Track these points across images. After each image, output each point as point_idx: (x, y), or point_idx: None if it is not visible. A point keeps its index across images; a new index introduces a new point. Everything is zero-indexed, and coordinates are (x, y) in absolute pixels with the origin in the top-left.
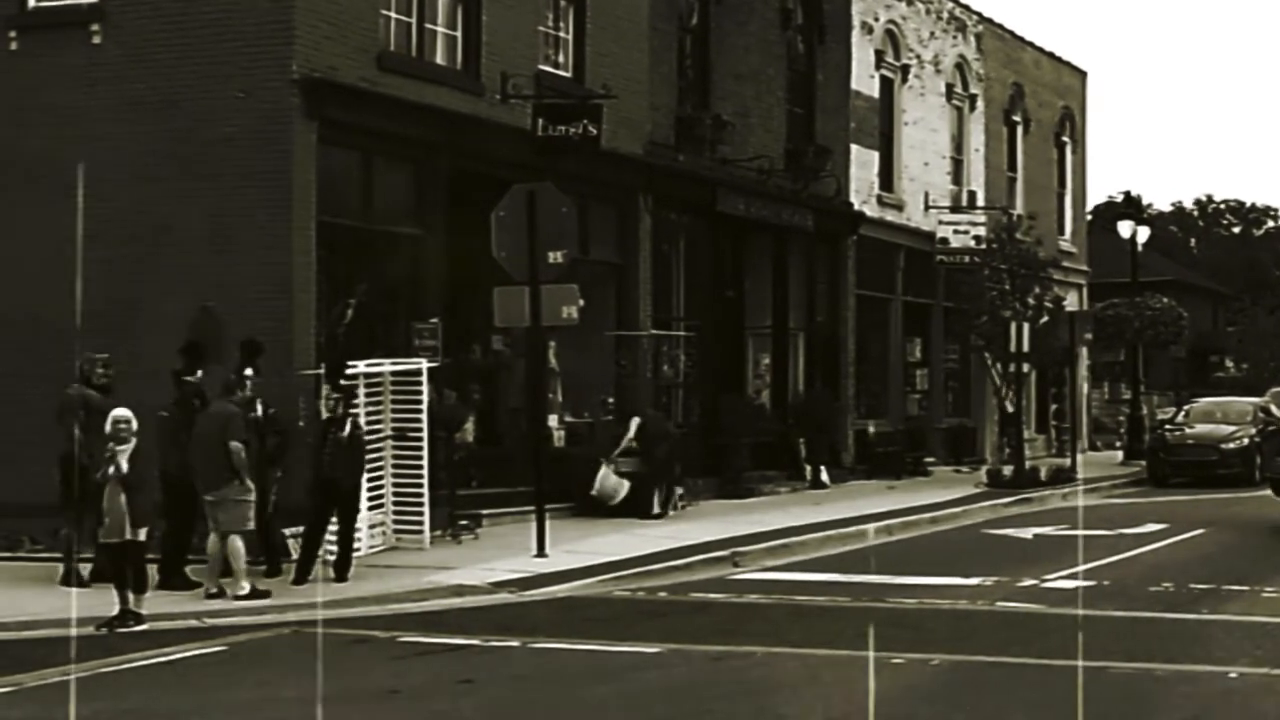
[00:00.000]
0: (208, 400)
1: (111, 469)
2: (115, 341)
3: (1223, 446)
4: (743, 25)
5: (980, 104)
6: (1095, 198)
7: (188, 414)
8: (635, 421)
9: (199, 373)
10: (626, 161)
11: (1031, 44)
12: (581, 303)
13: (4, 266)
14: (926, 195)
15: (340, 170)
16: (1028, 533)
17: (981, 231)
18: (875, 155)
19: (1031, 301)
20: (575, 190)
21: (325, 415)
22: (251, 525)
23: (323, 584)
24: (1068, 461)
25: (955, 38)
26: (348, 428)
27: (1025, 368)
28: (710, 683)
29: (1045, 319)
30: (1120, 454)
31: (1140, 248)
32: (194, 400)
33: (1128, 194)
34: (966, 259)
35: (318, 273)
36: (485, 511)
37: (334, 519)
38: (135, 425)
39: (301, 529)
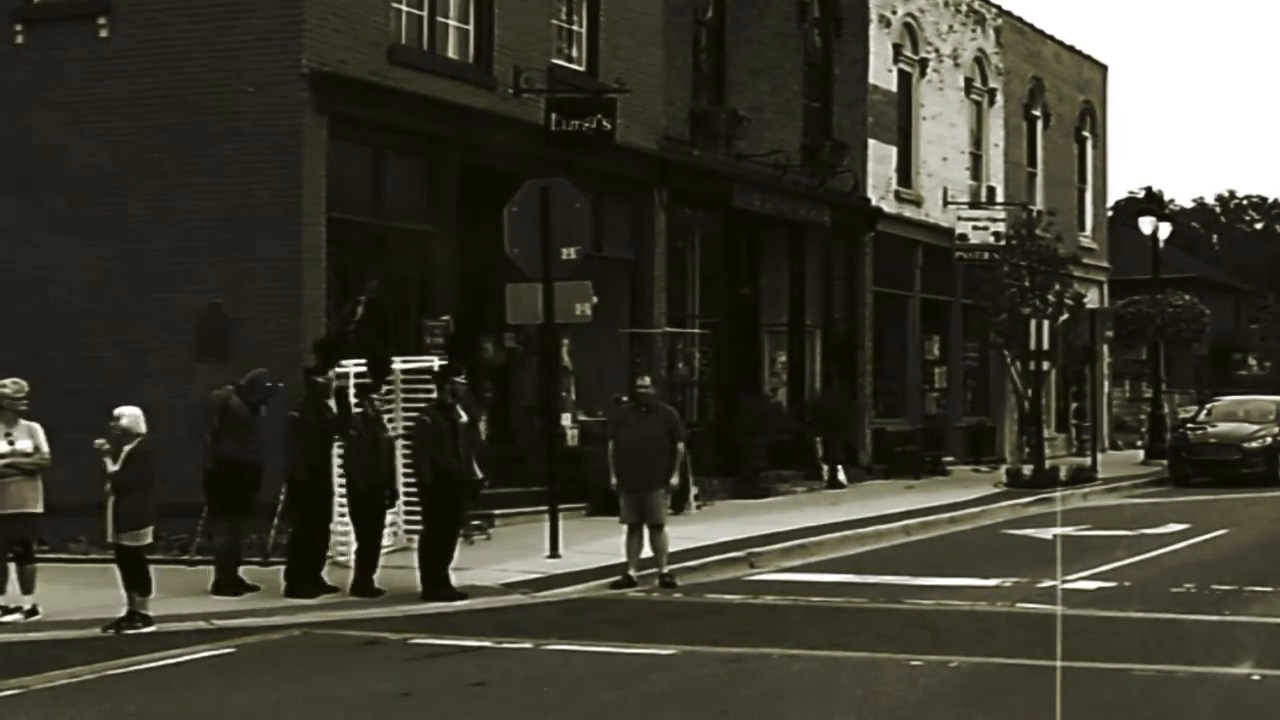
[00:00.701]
0: (326, 401)
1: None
2: (123, 337)
3: (1245, 445)
4: (759, 19)
5: (1000, 98)
6: (1116, 193)
7: (318, 415)
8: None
9: (331, 372)
10: (641, 157)
11: (1052, 37)
12: (595, 300)
13: (11, 262)
14: (945, 191)
15: (350, 165)
16: (1048, 533)
17: (1001, 228)
18: (893, 150)
19: (1051, 299)
20: (589, 186)
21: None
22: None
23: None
24: (1088, 461)
25: (974, 31)
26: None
27: (1045, 366)
28: (726, 685)
29: (1065, 316)
30: (1141, 453)
31: (1161, 244)
32: (325, 401)
33: (1149, 189)
34: (985, 255)
35: (327, 269)
36: (497, 511)
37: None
38: (140, 425)
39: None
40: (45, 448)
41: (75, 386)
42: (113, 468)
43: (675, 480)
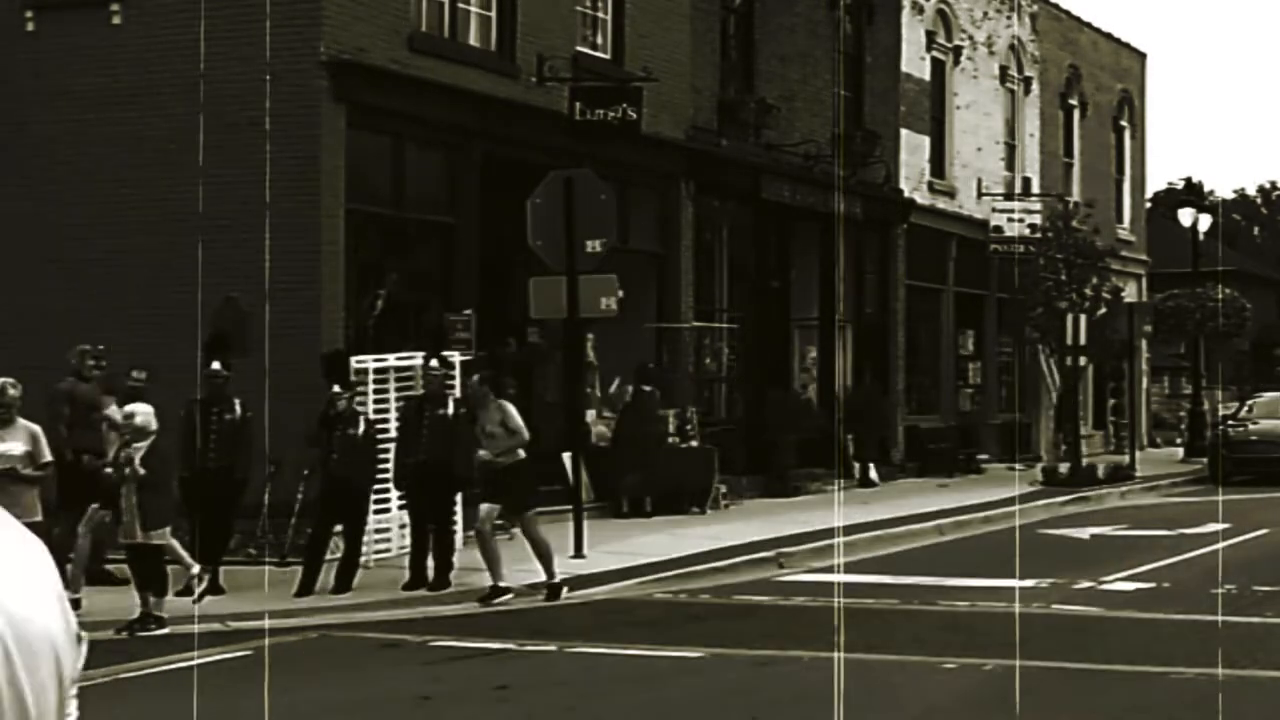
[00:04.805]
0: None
1: (127, 469)
2: (136, 334)
3: None
4: (788, 5)
5: (1035, 87)
6: (1155, 184)
7: (205, 412)
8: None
9: (216, 365)
10: (667, 147)
11: (1089, 25)
12: (620, 294)
13: (22, 254)
14: (979, 182)
15: (370, 156)
16: (1084, 533)
17: (1037, 220)
18: (926, 140)
19: (1089, 292)
20: (614, 177)
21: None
22: None
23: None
24: (1126, 459)
25: (1009, 18)
26: (360, 425)
27: (1082, 361)
28: (755, 689)
29: (1103, 310)
30: (1180, 451)
31: (1201, 236)
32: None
33: (1189, 180)
34: (1021, 248)
35: (346, 262)
36: None
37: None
38: (153, 423)
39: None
40: (48, 454)
41: None
42: (139, 467)
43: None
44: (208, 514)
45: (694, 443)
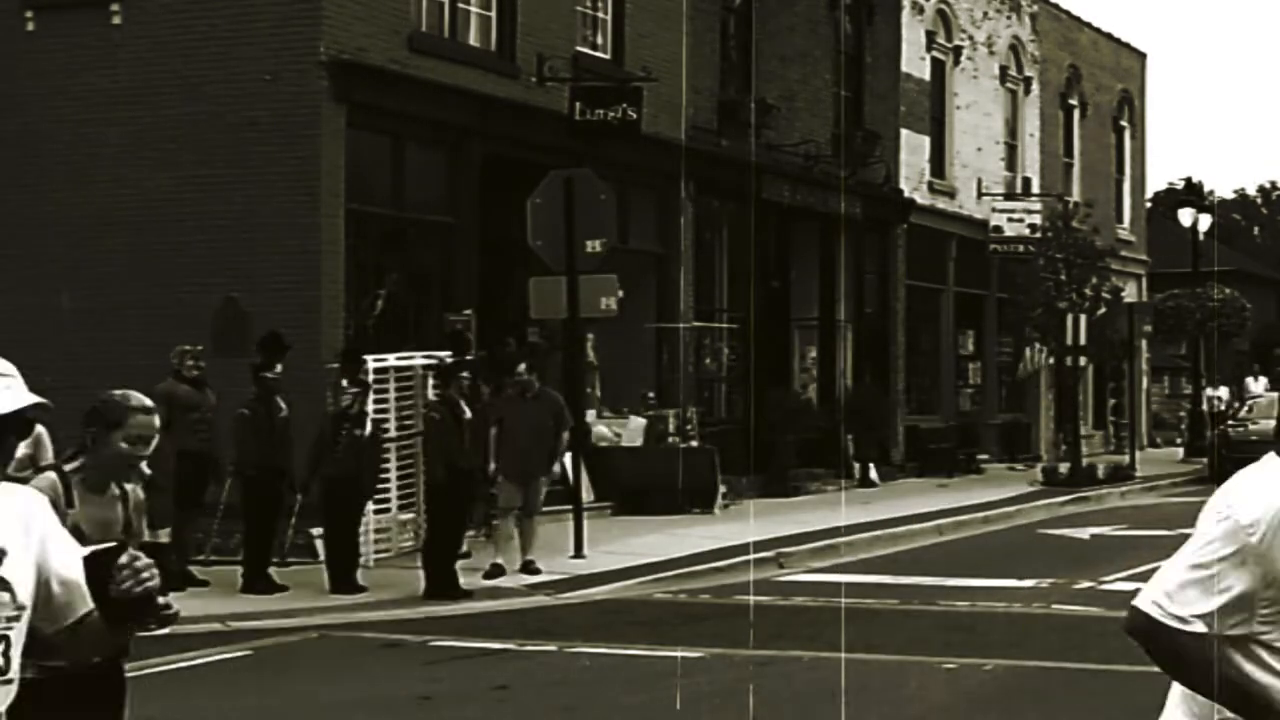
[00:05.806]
0: (278, 395)
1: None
2: (135, 333)
3: None
4: (788, 5)
5: (1035, 87)
6: (1155, 184)
7: (269, 411)
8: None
9: (278, 368)
10: (667, 147)
11: (1089, 25)
12: (620, 294)
13: (20, 255)
14: (979, 182)
15: (370, 156)
16: (1084, 533)
17: (1037, 220)
18: (926, 140)
19: (1089, 292)
20: (614, 177)
21: (338, 410)
22: None
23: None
24: (1126, 459)
25: (1009, 18)
26: (368, 426)
27: (1082, 361)
28: (755, 689)
29: (1103, 310)
30: (1180, 451)
31: (1201, 236)
32: (275, 397)
33: (1189, 180)
34: (1021, 248)
35: (346, 262)
36: None
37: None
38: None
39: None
40: (49, 457)
41: (87, 382)
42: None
43: (557, 468)
44: (266, 513)
45: (694, 443)
